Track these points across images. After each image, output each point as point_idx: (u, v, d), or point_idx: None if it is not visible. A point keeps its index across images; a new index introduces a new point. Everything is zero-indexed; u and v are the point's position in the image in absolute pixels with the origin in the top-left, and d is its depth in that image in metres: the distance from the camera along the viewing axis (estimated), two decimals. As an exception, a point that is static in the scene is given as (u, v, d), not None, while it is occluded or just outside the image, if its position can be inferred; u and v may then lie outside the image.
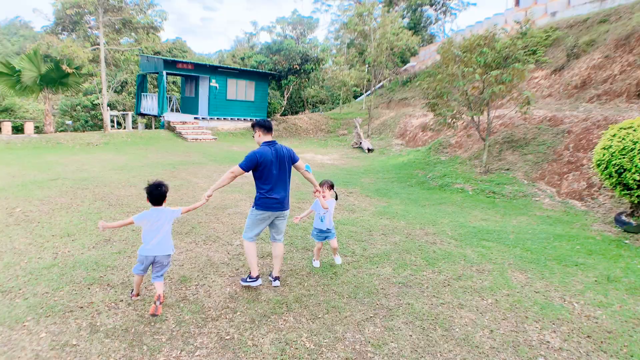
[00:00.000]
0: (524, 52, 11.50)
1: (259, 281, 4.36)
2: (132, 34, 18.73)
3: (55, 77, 16.95)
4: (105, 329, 3.42)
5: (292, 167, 4.45)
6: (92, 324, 3.49)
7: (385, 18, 21.16)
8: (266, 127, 4.30)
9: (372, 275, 4.84)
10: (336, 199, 4.97)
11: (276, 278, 4.48)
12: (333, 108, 31.91)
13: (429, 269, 5.11)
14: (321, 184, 4.73)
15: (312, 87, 34.88)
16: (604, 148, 6.82)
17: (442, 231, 6.74)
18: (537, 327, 3.81)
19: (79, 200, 7.52)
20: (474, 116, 11.03)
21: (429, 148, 14.36)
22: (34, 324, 3.44)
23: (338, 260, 5.08)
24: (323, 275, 4.80)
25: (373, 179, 11.70)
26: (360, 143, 18.14)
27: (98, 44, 17.40)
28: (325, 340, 3.47)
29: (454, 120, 11.40)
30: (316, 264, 5.07)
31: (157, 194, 3.70)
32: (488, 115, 10.75)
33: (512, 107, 12.16)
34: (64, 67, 16.17)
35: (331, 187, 4.84)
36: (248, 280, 4.37)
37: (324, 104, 35.27)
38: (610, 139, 6.76)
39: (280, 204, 4.31)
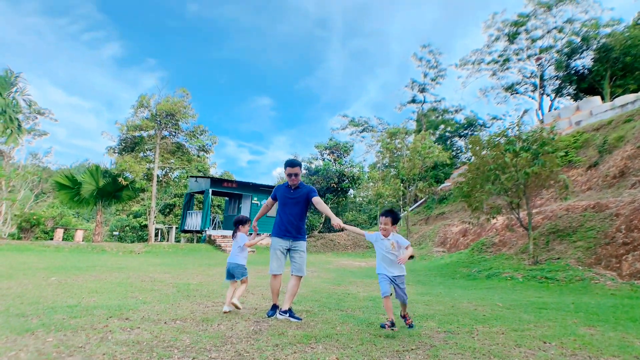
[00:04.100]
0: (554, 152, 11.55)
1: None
2: (184, 156, 20.72)
3: (111, 190, 18.46)
4: (116, 340, 3.14)
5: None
6: (103, 337, 3.23)
7: (416, 137, 22.50)
8: None
9: (414, 326, 4.32)
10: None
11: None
12: (371, 228, 31.94)
13: (479, 325, 4.49)
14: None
15: (350, 212, 35.61)
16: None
17: (493, 303, 6.06)
18: (617, 361, 3.13)
19: (113, 277, 7.52)
20: (514, 207, 10.70)
21: (472, 249, 13.69)
22: (44, 333, 3.22)
23: None
24: (357, 324, 4.33)
25: (414, 275, 11.04)
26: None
27: (153, 162, 19.28)
28: (357, 361, 2.99)
29: (492, 212, 11.10)
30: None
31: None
32: (527, 201, 10.41)
33: (551, 203, 11.81)
34: (120, 179, 17.72)
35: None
36: None
37: (361, 225, 35.51)
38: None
39: None
